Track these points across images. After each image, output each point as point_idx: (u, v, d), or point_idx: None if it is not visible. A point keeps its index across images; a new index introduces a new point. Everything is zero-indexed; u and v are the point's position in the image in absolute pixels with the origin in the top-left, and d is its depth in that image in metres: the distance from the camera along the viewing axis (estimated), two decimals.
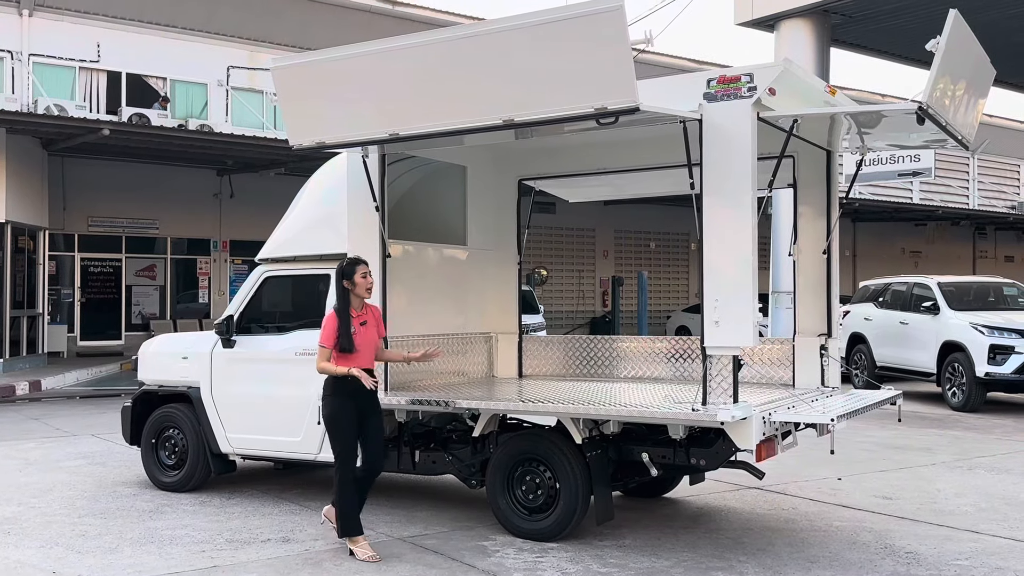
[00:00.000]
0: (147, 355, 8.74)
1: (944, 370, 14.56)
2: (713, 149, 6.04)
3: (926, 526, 7.22)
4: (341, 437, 6.35)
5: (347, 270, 6.42)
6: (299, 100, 6.56)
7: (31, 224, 20.01)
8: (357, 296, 6.42)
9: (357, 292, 6.40)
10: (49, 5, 22.92)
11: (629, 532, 6.93)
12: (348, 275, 6.40)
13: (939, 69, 5.60)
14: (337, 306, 6.40)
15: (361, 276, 6.41)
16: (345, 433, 6.34)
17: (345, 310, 6.36)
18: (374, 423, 6.46)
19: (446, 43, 5.97)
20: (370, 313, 6.52)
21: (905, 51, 17.10)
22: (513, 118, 5.77)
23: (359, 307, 6.45)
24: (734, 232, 6.02)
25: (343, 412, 6.32)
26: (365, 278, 6.42)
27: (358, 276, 6.40)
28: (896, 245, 37.65)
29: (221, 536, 6.84)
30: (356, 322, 6.36)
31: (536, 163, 8.65)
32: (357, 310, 6.42)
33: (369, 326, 6.44)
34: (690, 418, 5.98)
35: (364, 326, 6.40)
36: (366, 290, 6.43)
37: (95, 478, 8.96)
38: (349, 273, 6.40)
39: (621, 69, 5.35)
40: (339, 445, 6.38)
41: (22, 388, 16.66)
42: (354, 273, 6.40)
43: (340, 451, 6.38)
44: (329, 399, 6.37)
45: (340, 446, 6.37)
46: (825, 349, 7.49)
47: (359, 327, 6.36)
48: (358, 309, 6.43)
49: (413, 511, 7.61)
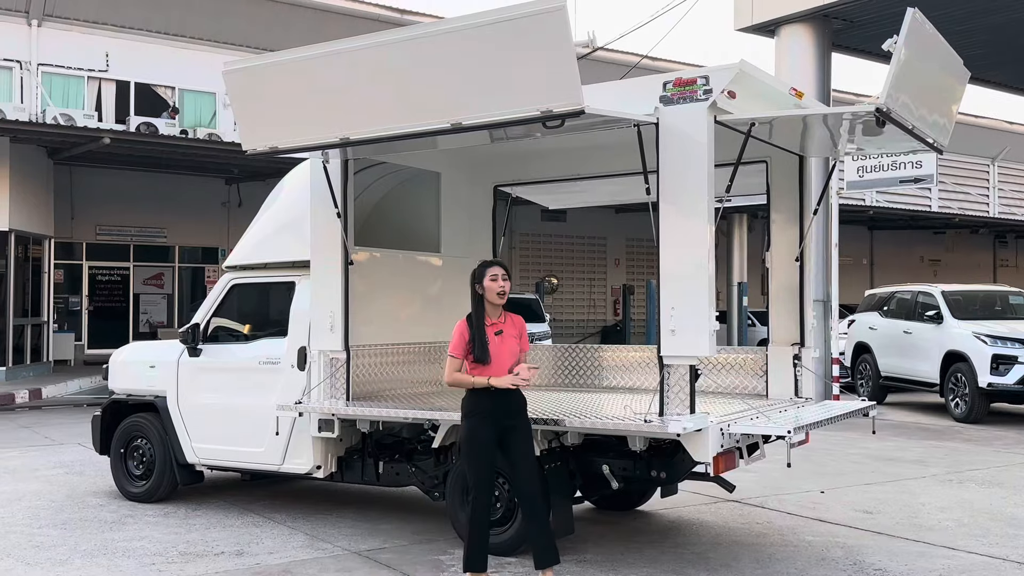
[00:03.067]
0: (117, 364, 8.66)
1: (947, 380, 14.27)
2: (669, 154, 5.88)
3: (902, 542, 7.00)
4: (475, 463, 5.60)
5: (478, 273, 5.72)
6: (252, 104, 6.45)
7: (36, 232, 20.10)
8: (491, 303, 5.71)
9: (489, 298, 5.67)
10: (58, 15, 23.09)
11: (592, 546, 6.76)
12: (479, 278, 5.70)
13: (897, 70, 5.41)
14: (471, 312, 5.75)
15: (491, 279, 5.66)
16: (479, 458, 5.59)
17: (478, 316, 5.68)
18: (517, 440, 5.63)
19: (390, 46, 5.84)
20: (510, 323, 5.74)
21: None
22: (461, 121, 5.63)
23: (495, 315, 5.71)
24: (690, 239, 5.85)
25: (477, 434, 5.59)
26: (495, 281, 5.66)
27: (487, 279, 5.66)
28: (915, 253, 37.20)
29: (175, 549, 6.73)
30: (491, 331, 5.65)
31: (512, 169, 8.51)
32: (492, 318, 5.69)
33: (507, 336, 5.67)
34: (642, 429, 5.80)
35: (499, 336, 5.65)
36: (496, 295, 5.66)
37: (68, 488, 8.89)
38: (480, 276, 5.70)
39: (565, 71, 5.20)
40: (472, 472, 5.63)
41: (22, 396, 16.69)
42: (484, 276, 5.68)
43: (473, 479, 5.62)
44: (464, 420, 5.66)
45: (473, 473, 5.62)
46: (799, 359, 7.29)
47: (493, 336, 5.64)
48: (493, 317, 5.70)
49: (378, 523, 7.48)
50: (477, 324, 5.67)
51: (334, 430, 7.13)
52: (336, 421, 7.11)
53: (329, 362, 7.18)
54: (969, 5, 14.88)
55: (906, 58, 5.49)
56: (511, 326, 5.73)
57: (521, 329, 5.78)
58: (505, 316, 5.76)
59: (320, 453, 7.30)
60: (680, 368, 5.91)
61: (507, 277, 5.74)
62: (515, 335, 5.72)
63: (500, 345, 5.64)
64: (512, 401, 5.65)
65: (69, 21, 23.14)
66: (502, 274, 5.71)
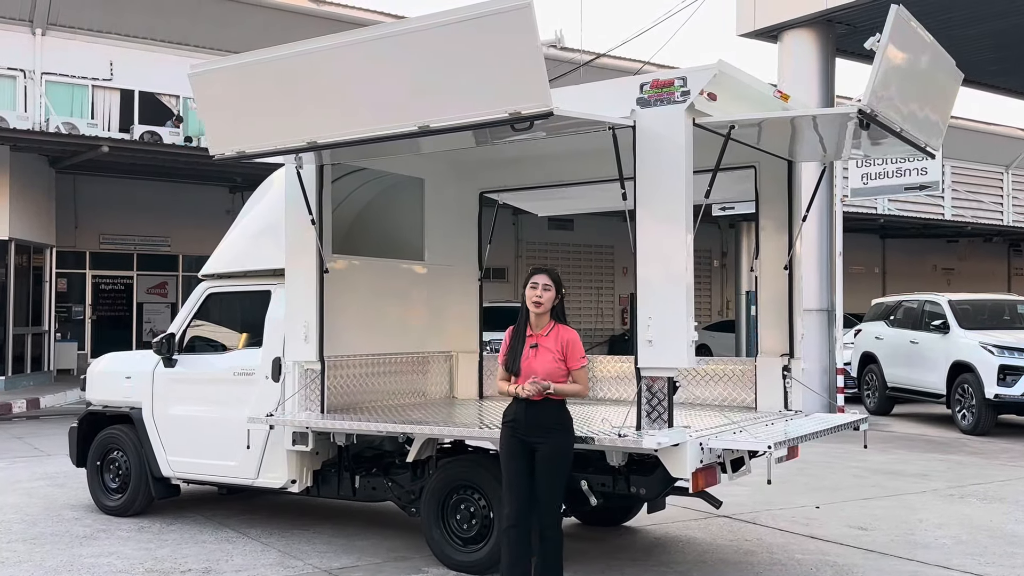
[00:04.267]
0: (94, 374, 8.50)
1: (954, 391, 13.96)
2: (646, 157, 5.67)
3: (894, 560, 6.74)
4: (503, 473, 5.35)
5: (526, 280, 5.45)
6: (218, 108, 6.28)
7: (37, 241, 20.01)
8: (532, 312, 5.38)
9: (528, 306, 5.37)
10: (62, 24, 23.05)
11: (574, 563, 6.51)
12: (525, 285, 5.43)
13: (880, 70, 5.18)
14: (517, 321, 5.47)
15: (530, 287, 5.35)
16: (505, 468, 5.32)
17: (519, 325, 5.40)
18: (540, 462, 5.24)
19: (355, 46, 5.66)
20: (553, 338, 5.33)
21: None
22: (428, 124, 5.44)
23: (540, 327, 5.36)
24: (668, 246, 5.65)
25: (503, 443, 5.34)
26: (533, 290, 5.33)
27: (528, 287, 5.36)
28: (927, 262, 36.78)
29: (143, 566, 6.54)
30: (528, 343, 5.34)
31: (498, 175, 8.30)
32: (535, 329, 5.36)
33: (542, 350, 5.29)
34: (615, 444, 5.57)
35: (535, 349, 5.31)
36: (532, 303, 5.33)
37: (47, 500, 8.72)
38: (525, 283, 5.43)
39: (532, 71, 5.01)
40: (503, 486, 5.38)
41: (19, 406, 16.57)
42: (527, 283, 5.40)
43: (503, 495, 5.36)
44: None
45: (503, 488, 5.37)
46: (788, 370, 7.05)
47: (528, 349, 5.32)
48: (536, 328, 5.36)
49: (355, 539, 7.26)
50: (515, 334, 5.41)
51: (308, 443, 6.93)
52: (310, 434, 6.90)
53: (304, 373, 6.99)
54: (970, 10, 14.61)
55: (890, 58, 5.27)
56: (553, 340, 5.31)
57: (565, 345, 5.30)
58: (552, 329, 5.36)
59: (295, 467, 7.10)
60: (658, 380, 5.69)
61: (549, 287, 5.34)
62: (554, 349, 5.28)
63: (532, 358, 5.29)
64: (540, 415, 5.23)
65: (73, 30, 23.10)
66: (543, 283, 5.34)
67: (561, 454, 5.27)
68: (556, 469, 5.25)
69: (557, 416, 5.28)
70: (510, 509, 5.26)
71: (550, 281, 5.36)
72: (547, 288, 5.35)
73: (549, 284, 5.36)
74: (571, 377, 5.34)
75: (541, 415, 5.24)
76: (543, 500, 5.24)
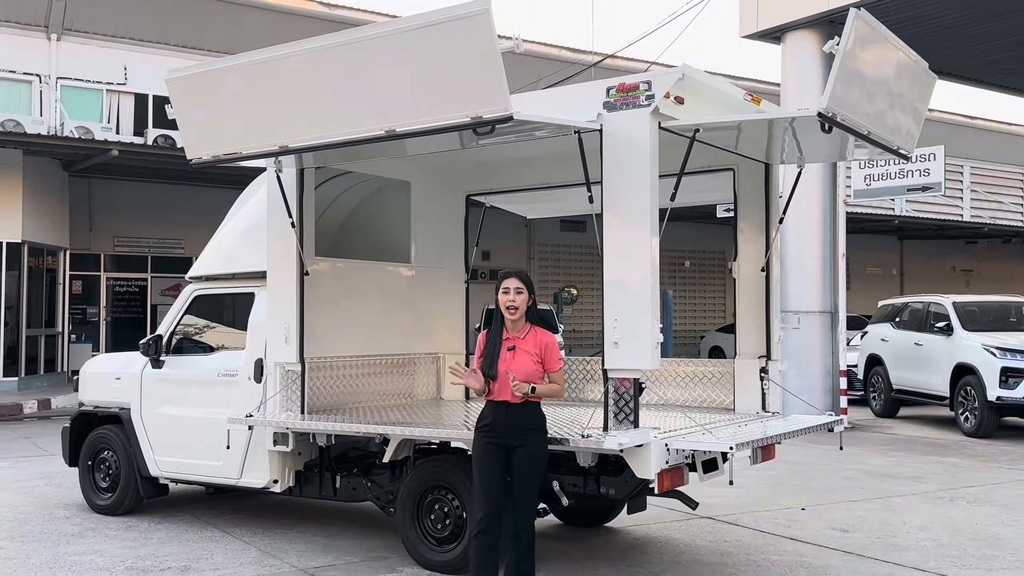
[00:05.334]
0: (86, 375, 8.64)
1: (957, 394, 13.89)
2: (612, 160, 5.73)
3: (871, 562, 6.74)
4: (476, 478, 5.32)
5: (497, 285, 5.43)
6: (194, 112, 6.37)
7: (50, 244, 20.27)
8: (506, 317, 5.38)
9: (502, 311, 5.37)
10: (77, 29, 23.33)
11: (548, 564, 6.56)
12: (496, 290, 5.43)
13: (840, 74, 5.19)
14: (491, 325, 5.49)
15: (501, 292, 5.35)
16: (478, 476, 5.29)
17: (494, 329, 5.40)
18: (517, 465, 5.23)
19: (322, 52, 5.73)
20: (531, 341, 5.32)
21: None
22: (395, 128, 5.51)
23: (516, 330, 5.35)
24: (634, 249, 5.70)
25: (476, 450, 5.32)
26: (505, 295, 5.33)
27: (500, 292, 5.35)
28: (946, 263, 36.50)
29: (124, 563, 6.65)
30: (505, 346, 5.32)
31: (484, 178, 8.36)
32: (511, 332, 5.36)
33: (520, 353, 5.27)
34: (579, 445, 5.61)
35: (512, 352, 5.29)
36: (506, 308, 5.33)
37: (42, 499, 8.86)
38: (496, 288, 5.43)
39: (491, 76, 5.06)
40: (476, 492, 5.36)
41: (30, 406, 16.79)
42: (498, 289, 5.39)
43: (477, 502, 5.34)
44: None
45: (476, 494, 5.35)
46: (765, 372, 7.07)
47: (505, 352, 5.30)
48: (513, 332, 5.35)
49: (336, 539, 7.35)
50: (490, 337, 5.42)
51: (289, 444, 7.02)
52: (290, 434, 7.00)
53: (284, 374, 7.08)
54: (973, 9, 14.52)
55: (850, 61, 5.28)
56: (531, 343, 5.31)
57: (543, 348, 5.31)
58: (530, 332, 5.36)
59: (277, 467, 7.19)
60: (625, 382, 5.73)
61: (521, 291, 5.34)
62: (532, 352, 5.28)
63: (510, 361, 5.27)
64: (520, 417, 5.25)
65: (88, 35, 23.37)
66: (514, 287, 5.34)
67: (538, 456, 5.31)
68: (532, 471, 5.28)
69: (535, 418, 5.31)
70: (482, 514, 5.26)
71: (521, 284, 5.37)
72: (519, 291, 5.35)
73: (521, 287, 5.37)
74: (549, 379, 5.36)
75: (521, 417, 5.26)
76: (519, 501, 5.25)
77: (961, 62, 17.60)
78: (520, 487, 5.26)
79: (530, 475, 5.29)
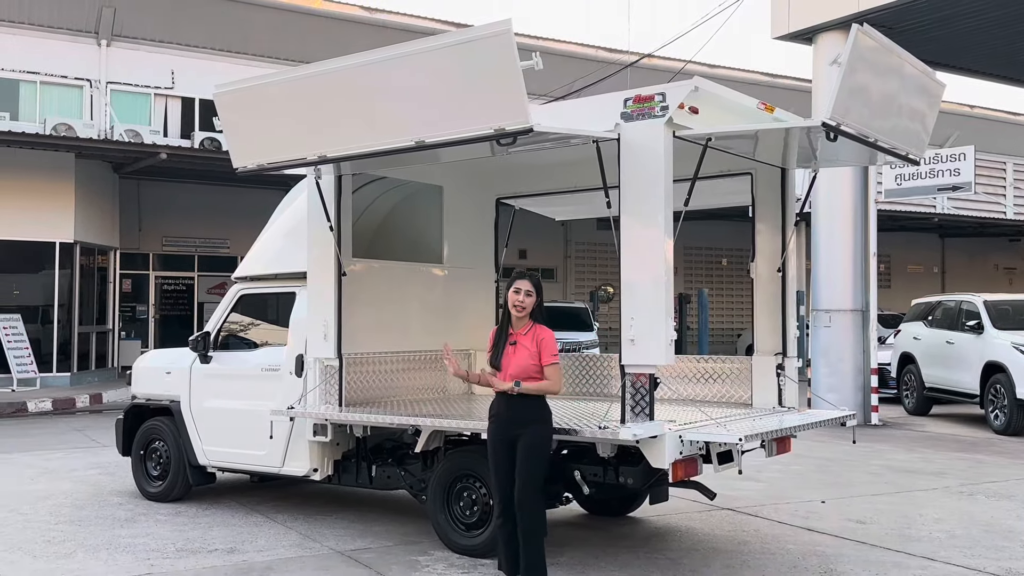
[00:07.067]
0: (138, 370, 9.15)
1: (987, 392, 14.01)
2: (629, 168, 6.07)
3: (882, 552, 7.02)
4: (490, 467, 5.82)
5: (509, 284, 5.85)
6: (241, 124, 6.82)
7: (101, 244, 20.97)
8: (514, 315, 5.77)
9: (511, 310, 5.77)
10: (126, 35, 24.06)
11: (569, 550, 6.93)
12: (507, 289, 5.87)
13: (843, 85, 5.50)
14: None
15: (512, 292, 5.76)
16: (490, 460, 5.79)
17: (502, 325, 5.84)
18: (518, 455, 5.62)
19: (357, 68, 6.15)
20: (531, 337, 5.71)
21: (952, 60, 16.52)
22: (424, 140, 5.90)
23: (519, 327, 5.76)
24: (649, 251, 6.03)
25: (488, 438, 5.81)
26: (516, 295, 5.72)
27: (511, 292, 5.76)
28: (989, 261, 36.25)
29: (174, 545, 7.11)
30: (510, 340, 5.75)
31: (513, 182, 8.73)
32: (515, 329, 5.76)
33: (519, 348, 5.69)
34: (596, 436, 5.97)
35: (514, 347, 5.72)
36: (513, 307, 5.73)
37: (96, 488, 9.38)
38: (507, 287, 5.86)
39: (512, 91, 5.43)
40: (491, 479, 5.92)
41: (83, 401, 17.45)
42: (510, 288, 5.80)
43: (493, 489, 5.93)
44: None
45: (492, 481, 5.94)
46: (782, 368, 7.36)
47: (509, 347, 5.74)
48: (517, 328, 5.76)
49: (372, 524, 7.76)
50: (499, 333, 5.86)
51: (328, 434, 7.44)
52: (329, 426, 7.42)
53: (323, 369, 7.50)
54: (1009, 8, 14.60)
55: (853, 74, 5.57)
56: (529, 339, 5.70)
57: (540, 343, 5.68)
58: (530, 329, 5.74)
59: (316, 456, 7.63)
60: (641, 377, 6.07)
61: (531, 294, 5.73)
62: (530, 348, 5.67)
63: (511, 355, 5.72)
64: (520, 410, 5.65)
65: (136, 40, 24.09)
66: (525, 289, 5.73)
67: (539, 442, 5.68)
68: (534, 455, 5.64)
69: (534, 411, 5.68)
70: (496, 502, 5.73)
71: (532, 288, 5.78)
72: (529, 294, 5.74)
73: (531, 291, 5.77)
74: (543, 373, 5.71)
75: (521, 410, 5.66)
76: (521, 479, 5.60)
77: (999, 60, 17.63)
78: (521, 468, 5.62)
79: (530, 458, 5.62)
